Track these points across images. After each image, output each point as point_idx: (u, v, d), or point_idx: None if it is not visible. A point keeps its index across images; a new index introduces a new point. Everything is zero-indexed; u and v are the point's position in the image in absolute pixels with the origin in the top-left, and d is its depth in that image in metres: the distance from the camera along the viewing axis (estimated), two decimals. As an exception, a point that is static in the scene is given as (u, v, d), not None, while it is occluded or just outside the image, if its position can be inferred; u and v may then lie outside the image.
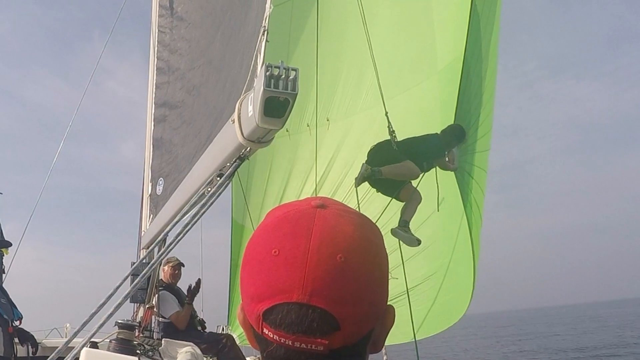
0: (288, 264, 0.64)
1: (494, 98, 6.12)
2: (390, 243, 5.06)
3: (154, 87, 4.79)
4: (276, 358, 0.67)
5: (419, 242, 5.03)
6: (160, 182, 4.54)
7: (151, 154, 4.75)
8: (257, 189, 7.28)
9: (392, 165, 4.95)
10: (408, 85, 6.12)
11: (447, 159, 5.42)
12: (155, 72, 4.80)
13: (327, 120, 6.62)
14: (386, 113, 5.12)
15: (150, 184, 4.67)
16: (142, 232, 4.80)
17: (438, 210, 5.63)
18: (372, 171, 4.82)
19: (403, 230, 5.00)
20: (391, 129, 5.12)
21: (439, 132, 5.41)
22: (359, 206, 5.21)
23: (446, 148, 5.37)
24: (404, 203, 5.17)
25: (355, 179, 4.97)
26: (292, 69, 2.18)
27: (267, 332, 0.66)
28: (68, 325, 5.83)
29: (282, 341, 0.65)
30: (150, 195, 4.66)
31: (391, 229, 5.06)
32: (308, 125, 6.63)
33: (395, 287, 5.62)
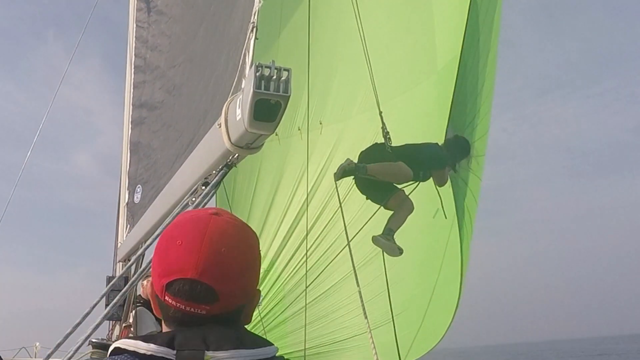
0: (187, 251, 0.96)
1: (491, 99, 6.08)
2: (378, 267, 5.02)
3: (132, 86, 4.74)
4: (175, 319, 0.99)
5: (400, 251, 4.88)
6: (138, 190, 4.49)
7: (128, 159, 4.70)
8: (244, 198, 7.12)
9: (381, 164, 4.82)
10: (408, 86, 6.05)
11: (447, 172, 5.30)
12: (132, 70, 4.76)
13: (320, 123, 6.49)
14: (380, 112, 5.00)
15: (127, 192, 4.62)
16: (119, 244, 4.75)
17: (441, 217, 5.54)
18: (355, 166, 4.68)
19: (385, 239, 4.85)
20: (385, 130, 5.02)
21: (439, 143, 5.31)
22: (341, 207, 5.07)
23: (450, 161, 5.26)
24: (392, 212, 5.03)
25: (334, 173, 4.84)
26: (284, 69, 2.15)
27: (168, 300, 0.98)
28: (38, 344, 5.76)
29: (178, 306, 0.97)
30: (127, 203, 4.61)
31: (372, 237, 4.94)
32: (299, 129, 6.48)
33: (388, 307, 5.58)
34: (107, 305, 3.15)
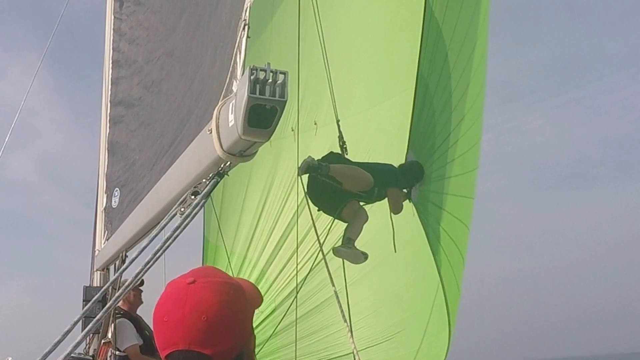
0: (173, 326, 1.18)
1: (480, 110, 6.03)
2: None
3: (110, 83, 4.72)
4: None
5: (365, 256, 4.94)
6: (116, 193, 4.48)
7: (106, 160, 4.69)
8: (234, 204, 7.05)
9: (343, 165, 4.88)
10: (403, 87, 6.00)
11: (402, 194, 5.30)
12: (110, 65, 4.74)
13: (315, 123, 6.43)
14: (338, 121, 5.08)
15: (105, 196, 4.61)
16: (96, 251, 4.74)
17: (395, 251, 5.51)
18: (318, 164, 4.72)
19: (346, 247, 4.91)
20: (342, 140, 5.12)
21: (394, 165, 5.34)
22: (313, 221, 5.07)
23: (404, 185, 5.30)
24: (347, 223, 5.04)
25: (298, 167, 4.85)
26: (280, 72, 2.17)
27: None
28: (10, 359, 5.72)
29: None
30: (105, 208, 4.60)
31: (333, 249, 4.99)
32: (293, 130, 6.33)
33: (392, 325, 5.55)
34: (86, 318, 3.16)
